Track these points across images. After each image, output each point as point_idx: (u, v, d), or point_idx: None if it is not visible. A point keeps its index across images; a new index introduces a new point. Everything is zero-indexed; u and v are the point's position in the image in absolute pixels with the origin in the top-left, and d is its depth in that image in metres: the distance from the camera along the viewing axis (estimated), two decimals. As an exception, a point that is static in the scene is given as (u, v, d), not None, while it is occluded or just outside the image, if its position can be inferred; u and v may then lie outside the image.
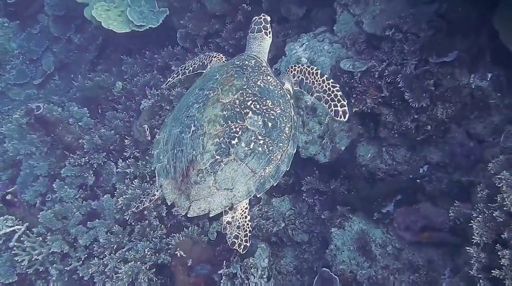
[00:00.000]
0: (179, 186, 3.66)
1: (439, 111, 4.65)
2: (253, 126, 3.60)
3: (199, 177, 3.52)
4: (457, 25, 4.66)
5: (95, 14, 7.36)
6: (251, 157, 3.56)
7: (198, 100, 3.80)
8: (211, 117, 3.60)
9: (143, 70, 7.52)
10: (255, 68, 3.98)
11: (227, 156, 3.51)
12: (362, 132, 5.19)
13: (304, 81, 4.03)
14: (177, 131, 3.77)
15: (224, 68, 4.02)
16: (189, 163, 3.56)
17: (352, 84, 4.94)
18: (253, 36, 4.37)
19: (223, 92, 3.72)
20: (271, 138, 3.65)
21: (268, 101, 3.75)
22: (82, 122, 6.76)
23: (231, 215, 3.74)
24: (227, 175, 3.53)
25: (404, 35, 4.86)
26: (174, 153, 3.74)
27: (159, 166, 3.89)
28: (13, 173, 7.40)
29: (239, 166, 3.54)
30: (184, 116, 3.80)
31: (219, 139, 3.53)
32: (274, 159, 3.65)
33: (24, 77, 9.47)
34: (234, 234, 3.72)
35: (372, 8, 5.25)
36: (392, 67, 4.77)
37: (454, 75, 4.71)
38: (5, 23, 9.93)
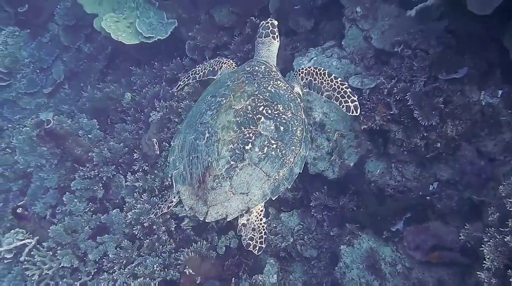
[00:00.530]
0: (196, 191, 3.77)
1: (449, 128, 4.61)
2: (265, 131, 3.72)
3: (215, 183, 3.64)
4: (467, 41, 4.62)
5: (105, 25, 7.38)
6: (265, 161, 3.67)
7: (211, 107, 3.90)
8: (225, 124, 3.71)
9: (152, 81, 7.53)
10: (265, 73, 4.09)
11: (241, 161, 3.64)
12: (371, 148, 5.16)
13: (312, 82, 4.17)
14: (192, 138, 3.87)
15: (235, 74, 4.11)
16: (205, 169, 3.67)
17: (360, 101, 4.88)
18: (261, 41, 4.46)
19: (235, 99, 3.82)
20: (284, 142, 3.77)
21: (279, 106, 3.86)
22: (91, 135, 6.78)
23: (247, 218, 3.83)
24: (242, 180, 3.65)
25: (413, 51, 4.83)
26: (189, 159, 3.85)
27: (175, 172, 3.99)
28: (24, 184, 7.46)
29: (253, 170, 3.66)
30: (198, 123, 3.90)
31: (233, 145, 3.65)
32: (287, 162, 3.77)
33: (34, 86, 9.52)
34: (249, 236, 3.80)
35: (380, 24, 5.21)
36: (401, 84, 4.74)
37: (464, 92, 4.67)
38: (16, 31, 9.97)
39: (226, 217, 3.73)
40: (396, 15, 5.13)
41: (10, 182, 7.59)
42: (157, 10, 7.52)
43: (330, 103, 5.18)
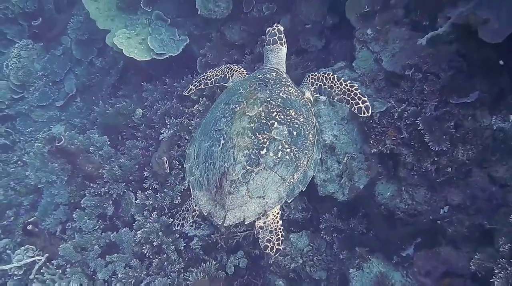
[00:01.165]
0: (213, 197, 3.85)
1: (460, 153, 4.58)
2: (279, 136, 3.83)
3: (232, 187, 3.73)
4: (478, 65, 4.59)
5: (117, 41, 7.43)
6: (280, 165, 3.77)
7: (225, 115, 4.01)
8: (239, 130, 3.81)
9: (163, 98, 7.55)
10: (277, 80, 4.23)
11: (257, 166, 3.74)
12: (381, 170, 5.14)
13: (322, 87, 4.33)
14: (207, 145, 3.97)
15: (247, 82, 4.23)
16: (221, 175, 3.76)
17: (371, 125, 4.89)
18: (269, 48, 4.57)
19: (249, 106, 3.94)
20: (297, 146, 3.88)
21: (291, 111, 3.98)
22: (102, 151, 6.82)
23: (263, 220, 3.92)
24: (258, 184, 3.74)
25: (423, 75, 4.81)
26: (206, 165, 3.94)
27: (192, 178, 4.09)
28: (34, 198, 7.52)
29: (269, 175, 3.76)
30: (213, 131, 3.99)
31: (248, 150, 3.76)
32: (301, 165, 3.89)
33: (46, 99, 9.63)
34: (267, 238, 3.89)
35: (391, 46, 5.20)
36: (411, 108, 4.73)
37: (475, 117, 4.64)
38: (29, 45, 10.09)
39: (243, 220, 3.79)
40: (407, 38, 5.11)
41: (21, 196, 7.67)
42: (169, 27, 7.57)
43: (340, 125, 5.18)
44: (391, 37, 5.24)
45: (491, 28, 3.82)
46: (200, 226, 5.88)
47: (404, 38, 5.14)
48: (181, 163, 6.30)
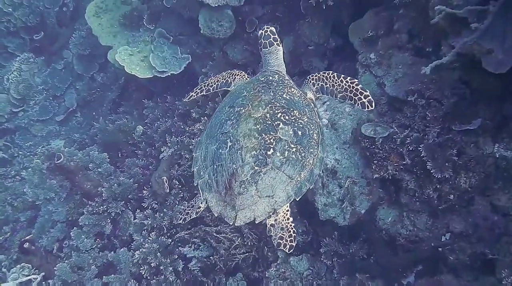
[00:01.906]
0: (223, 198, 3.88)
1: (462, 180, 4.56)
2: (285, 136, 3.86)
3: (242, 188, 3.74)
4: (481, 92, 4.59)
5: (119, 58, 7.44)
6: (287, 164, 3.80)
7: (230, 117, 4.06)
8: (246, 132, 3.85)
9: (164, 115, 7.54)
10: (279, 82, 4.30)
11: (265, 166, 3.76)
12: (382, 195, 5.11)
13: (324, 87, 4.38)
14: (214, 148, 4.00)
15: (251, 85, 4.31)
16: (230, 176, 3.79)
17: (373, 150, 4.88)
18: (268, 51, 4.57)
19: (254, 108, 3.99)
20: (302, 145, 3.91)
21: (295, 112, 4.03)
22: (101, 169, 6.79)
23: (274, 218, 3.94)
24: (267, 183, 3.77)
25: (426, 101, 4.81)
26: (214, 168, 3.96)
27: (201, 181, 4.11)
28: (32, 214, 7.46)
29: (277, 174, 3.78)
30: (219, 133, 4.04)
31: (256, 151, 3.78)
32: (307, 164, 3.91)
33: (46, 113, 9.60)
34: (279, 236, 3.90)
35: (394, 71, 5.21)
36: (414, 135, 4.71)
37: (478, 144, 4.62)
38: (31, 58, 10.10)
39: (254, 220, 3.84)
40: (410, 63, 5.12)
41: (19, 212, 7.60)
42: (171, 44, 7.59)
43: (342, 149, 5.17)
44: (394, 62, 5.24)
45: (495, 59, 3.81)
46: (199, 247, 5.82)
47: (407, 64, 5.15)
48: (181, 183, 6.27)
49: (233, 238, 5.73)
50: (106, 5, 8.40)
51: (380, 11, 5.47)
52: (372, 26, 5.39)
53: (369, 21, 5.49)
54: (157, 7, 7.61)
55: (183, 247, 5.85)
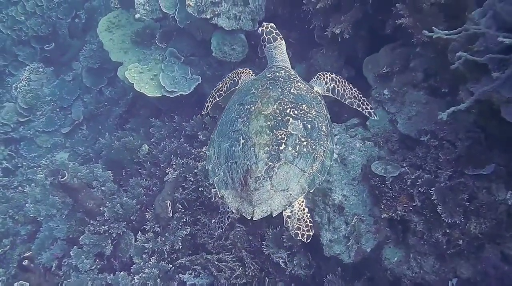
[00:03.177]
0: (239, 194, 3.95)
1: (472, 226, 4.45)
2: (295, 130, 3.98)
3: (257, 184, 3.84)
4: (496, 137, 4.50)
5: (128, 75, 7.40)
6: (299, 158, 3.92)
7: (241, 115, 4.16)
8: (258, 129, 3.96)
9: (171, 135, 7.49)
10: (286, 77, 4.42)
11: (278, 161, 3.87)
12: (389, 234, 5.01)
13: (336, 89, 4.68)
14: (227, 146, 4.10)
15: (258, 82, 4.41)
16: (245, 173, 3.89)
17: (382, 189, 4.79)
18: (273, 46, 4.70)
19: (263, 105, 4.10)
20: (312, 138, 4.04)
21: (303, 106, 4.16)
22: (105, 187, 6.73)
23: (290, 210, 4.04)
24: (281, 178, 3.87)
25: (440, 142, 4.72)
26: (228, 165, 4.06)
27: (216, 178, 4.18)
28: (32, 229, 7.39)
29: (290, 168, 3.90)
30: (231, 131, 4.14)
31: (268, 147, 3.90)
32: (318, 156, 4.04)
33: (53, 125, 9.58)
34: (296, 226, 4.03)
35: (408, 109, 5.13)
36: (425, 176, 4.62)
37: (490, 190, 4.52)
38: (40, 68, 10.11)
39: (271, 213, 3.92)
40: (424, 102, 5.05)
41: (19, 225, 7.53)
42: (182, 64, 7.55)
43: (350, 186, 5.09)
44: (408, 99, 5.17)
45: (515, 109, 3.74)
46: (200, 275, 5.75)
47: (421, 102, 5.08)
48: (184, 207, 6.20)
49: (234, 267, 5.66)
50: (118, 20, 8.40)
51: (396, 47, 5.41)
52: (388, 62, 5.33)
53: (384, 56, 5.43)
54: (169, 27, 7.58)
55: (183, 273, 5.78)
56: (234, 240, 5.82)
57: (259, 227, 5.95)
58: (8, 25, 10.52)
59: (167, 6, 7.01)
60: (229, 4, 6.67)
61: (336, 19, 5.48)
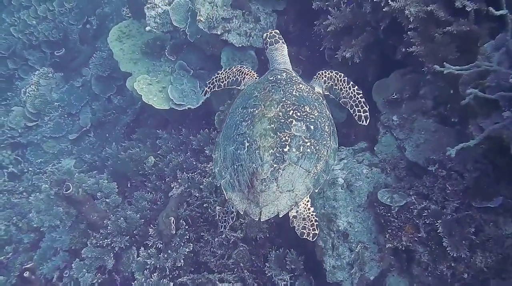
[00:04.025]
0: (246, 196, 4.02)
1: (478, 259, 4.39)
2: (298, 132, 4.02)
3: (263, 186, 3.90)
4: (504, 170, 4.44)
5: (137, 87, 7.39)
6: (303, 158, 3.97)
7: (245, 118, 4.21)
8: (262, 132, 4.01)
9: (177, 148, 7.46)
10: (288, 80, 4.45)
11: (283, 163, 3.92)
12: (393, 263, 4.95)
13: (333, 87, 4.61)
14: (233, 149, 4.16)
15: (261, 85, 4.45)
16: (251, 175, 3.95)
17: (388, 218, 4.75)
18: (274, 48, 4.76)
19: (266, 108, 4.15)
20: (316, 138, 4.08)
21: (306, 107, 4.20)
22: (109, 199, 6.72)
23: (296, 210, 4.12)
24: (286, 179, 3.93)
25: (447, 172, 4.68)
26: (234, 168, 4.12)
27: (223, 181, 4.24)
28: (35, 237, 7.39)
29: (295, 169, 3.95)
30: (236, 135, 4.19)
31: (273, 150, 3.95)
32: (322, 156, 4.08)
33: (60, 131, 9.59)
34: (302, 226, 4.11)
35: (416, 136, 5.09)
36: (432, 207, 4.57)
37: (497, 223, 4.46)
38: (49, 73, 10.14)
39: (278, 214, 3.97)
40: (433, 130, 5.00)
41: (22, 233, 7.54)
42: (191, 77, 7.53)
43: (356, 212, 5.04)
44: (417, 126, 5.13)
45: (525, 146, 3.69)
46: (200, 295, 5.71)
47: (430, 130, 5.03)
48: (188, 223, 6.17)
49: (236, 287, 5.62)
50: (129, 30, 8.40)
51: (406, 73, 5.36)
52: (397, 88, 5.28)
53: (394, 82, 5.39)
54: (180, 39, 7.56)
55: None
56: (237, 259, 5.79)
57: (263, 247, 5.92)
58: (19, 29, 10.59)
59: (178, 20, 7.00)
60: (240, 20, 6.66)
61: (347, 42, 5.44)
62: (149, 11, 7.29)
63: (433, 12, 4.51)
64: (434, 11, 4.50)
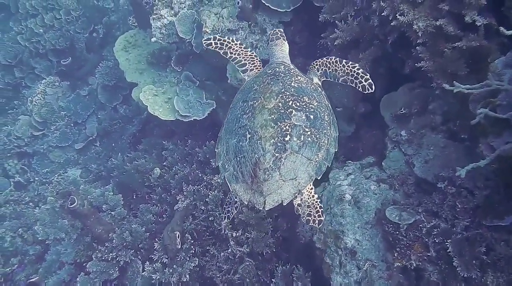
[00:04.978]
0: (250, 186, 4.14)
1: (489, 279, 4.28)
2: (298, 121, 4.14)
3: (266, 175, 4.01)
4: (516, 187, 4.35)
5: (143, 97, 7.35)
6: (304, 147, 4.09)
7: (245, 111, 4.33)
8: (262, 123, 4.13)
9: (183, 160, 7.40)
10: (286, 72, 4.60)
11: (284, 152, 4.03)
12: (402, 281, 4.85)
13: (327, 71, 4.74)
14: (235, 142, 4.27)
15: (260, 79, 4.61)
16: (254, 165, 4.06)
17: (396, 236, 4.65)
18: (274, 43, 5.06)
19: (266, 99, 4.27)
20: (316, 127, 4.19)
21: (305, 97, 4.32)
22: (114, 212, 6.68)
23: (300, 198, 4.24)
24: (289, 168, 4.04)
25: (457, 189, 4.58)
26: (237, 160, 4.22)
27: (227, 174, 4.35)
28: (40, 250, 7.35)
29: (296, 158, 4.06)
30: (237, 128, 4.32)
31: (274, 139, 4.06)
32: (322, 144, 4.20)
33: (66, 140, 9.57)
34: (307, 213, 4.24)
35: (425, 152, 5.00)
36: (442, 226, 4.48)
37: (509, 243, 4.34)
38: (56, 82, 10.13)
39: (282, 202, 4.07)
40: (442, 146, 4.91)
41: (28, 245, 7.51)
42: (197, 88, 7.46)
43: (364, 229, 4.95)
44: (425, 142, 5.04)
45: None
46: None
47: (439, 146, 4.94)
48: (193, 237, 6.11)
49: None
50: (135, 40, 8.38)
51: (415, 87, 5.28)
52: (406, 102, 5.20)
53: (402, 96, 5.31)
54: (186, 50, 7.51)
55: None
56: (243, 274, 5.72)
57: (269, 262, 5.86)
58: (26, 37, 10.59)
59: (184, 31, 6.94)
60: (246, 32, 6.61)
61: (355, 56, 5.37)
62: (155, 22, 7.24)
63: (442, 26, 4.44)
64: (443, 26, 4.43)
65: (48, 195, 7.51)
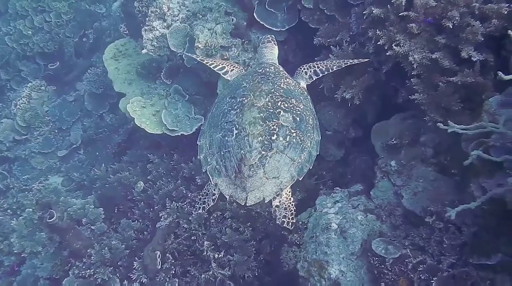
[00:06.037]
0: (233, 181, 4.24)
1: (474, 319, 4.23)
2: (286, 122, 4.30)
3: (251, 171, 4.13)
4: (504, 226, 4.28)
5: (130, 109, 7.19)
6: (289, 148, 4.24)
7: (233, 107, 4.45)
8: (251, 120, 4.25)
9: (168, 175, 7.23)
10: (276, 73, 4.80)
11: (270, 150, 4.18)
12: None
13: (317, 71, 5.05)
14: (220, 136, 4.38)
15: (249, 76, 4.77)
16: (239, 161, 4.16)
17: (382, 270, 4.56)
18: (264, 46, 5.27)
19: (256, 97, 4.41)
20: (301, 130, 4.36)
21: (292, 100, 4.50)
22: (94, 226, 6.51)
23: (278, 200, 4.33)
24: (273, 166, 4.18)
25: (445, 225, 4.52)
26: (221, 154, 4.33)
27: (209, 167, 4.45)
28: (16, 260, 7.15)
29: (281, 157, 4.20)
30: (223, 122, 4.42)
31: (262, 137, 4.19)
32: (306, 146, 4.36)
33: (49, 146, 9.36)
34: (283, 215, 4.35)
35: (414, 184, 4.93)
36: (428, 262, 4.40)
37: (495, 282, 4.28)
38: (42, 86, 9.95)
39: (263, 199, 4.21)
40: (432, 179, 4.84)
41: (3, 255, 7.28)
42: (185, 102, 7.32)
43: (349, 260, 4.85)
44: (415, 174, 4.97)
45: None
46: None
47: (429, 179, 4.88)
48: (174, 257, 5.96)
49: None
50: (126, 49, 8.24)
51: (407, 117, 5.22)
52: (397, 132, 5.14)
53: (394, 126, 5.24)
54: (176, 63, 7.39)
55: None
56: (223, 298, 5.59)
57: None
58: (14, 39, 10.38)
59: (176, 44, 6.82)
60: (239, 49, 6.52)
61: (348, 82, 5.30)
62: (147, 34, 7.10)
63: (437, 60, 4.39)
64: (439, 59, 4.38)
65: (27, 204, 7.31)
